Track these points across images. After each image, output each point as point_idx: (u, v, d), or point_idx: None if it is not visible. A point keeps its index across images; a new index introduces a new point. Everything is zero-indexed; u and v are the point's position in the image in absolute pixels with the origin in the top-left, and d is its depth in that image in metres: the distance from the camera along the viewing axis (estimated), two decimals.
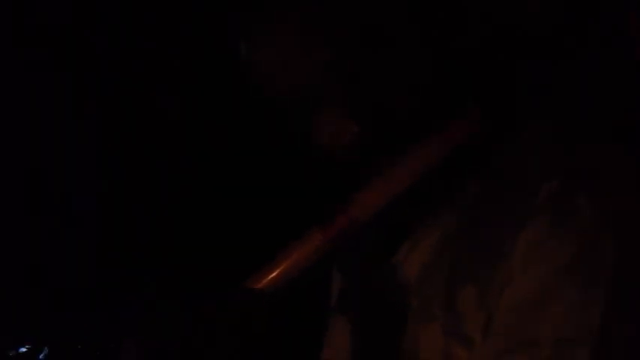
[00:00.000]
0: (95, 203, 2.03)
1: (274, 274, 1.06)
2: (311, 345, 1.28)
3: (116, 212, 2.00)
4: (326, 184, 1.09)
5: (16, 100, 2.06)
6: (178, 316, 1.03)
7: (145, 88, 2.04)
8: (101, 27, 2.04)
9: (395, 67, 1.05)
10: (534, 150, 1.06)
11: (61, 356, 1.58)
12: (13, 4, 2.02)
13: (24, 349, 1.63)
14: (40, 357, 1.63)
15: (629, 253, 0.98)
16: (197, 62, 1.97)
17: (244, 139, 1.92)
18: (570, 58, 1.21)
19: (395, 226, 1.15)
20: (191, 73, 1.99)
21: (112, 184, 2.01)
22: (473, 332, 1.03)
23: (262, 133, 1.84)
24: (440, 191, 1.10)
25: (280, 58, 1.06)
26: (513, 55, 1.12)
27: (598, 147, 1.05)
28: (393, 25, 1.05)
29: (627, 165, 1.04)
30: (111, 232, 2.01)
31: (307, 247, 1.07)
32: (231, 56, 1.11)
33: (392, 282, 1.12)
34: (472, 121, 1.09)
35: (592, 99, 1.13)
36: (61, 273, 2.01)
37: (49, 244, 2.03)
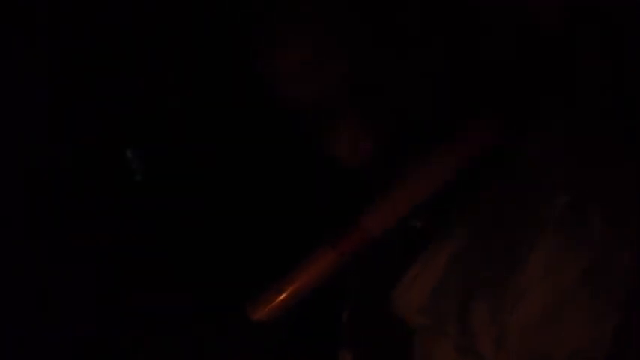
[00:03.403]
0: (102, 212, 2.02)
1: (285, 293, 1.05)
2: None
3: (125, 228, 1.99)
4: (340, 196, 1.07)
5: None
6: (185, 342, 1.02)
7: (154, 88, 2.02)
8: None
9: (413, 77, 1.04)
10: (546, 163, 1.05)
11: None
12: None
13: None
14: None
15: None
16: (210, 70, 1.95)
17: (258, 149, 1.90)
18: (584, 64, 1.20)
19: (407, 242, 1.14)
20: (203, 80, 1.98)
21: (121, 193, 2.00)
22: (485, 348, 1.02)
23: (278, 145, 1.82)
24: (451, 205, 1.09)
25: (297, 70, 1.05)
26: (530, 64, 1.11)
27: (610, 159, 1.04)
28: (411, 37, 1.04)
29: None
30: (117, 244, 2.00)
31: (320, 264, 1.05)
32: (248, 67, 1.10)
33: (404, 300, 1.11)
34: (488, 131, 1.08)
35: (606, 108, 1.12)
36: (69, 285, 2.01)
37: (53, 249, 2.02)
